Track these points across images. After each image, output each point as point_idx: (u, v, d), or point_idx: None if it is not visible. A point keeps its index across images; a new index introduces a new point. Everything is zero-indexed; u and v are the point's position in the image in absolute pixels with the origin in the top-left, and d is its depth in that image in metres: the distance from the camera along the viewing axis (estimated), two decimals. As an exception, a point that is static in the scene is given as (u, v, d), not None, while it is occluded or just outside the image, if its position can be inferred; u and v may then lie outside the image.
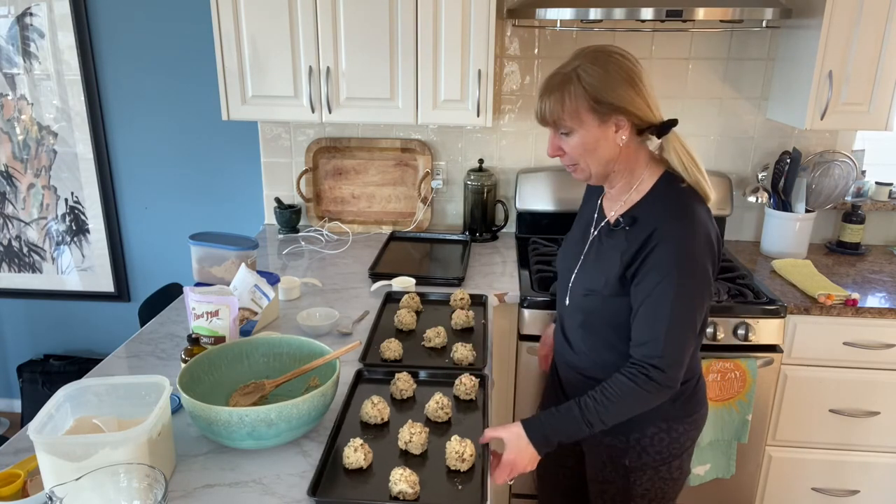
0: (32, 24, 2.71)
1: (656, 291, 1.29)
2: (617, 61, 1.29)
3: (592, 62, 1.29)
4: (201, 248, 2.07)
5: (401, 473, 1.19)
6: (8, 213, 2.98)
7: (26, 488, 1.19)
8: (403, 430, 1.32)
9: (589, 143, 1.33)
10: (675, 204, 1.33)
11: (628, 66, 1.30)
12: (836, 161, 2.45)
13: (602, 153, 1.35)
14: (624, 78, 1.29)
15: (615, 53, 1.31)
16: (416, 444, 1.30)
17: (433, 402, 1.43)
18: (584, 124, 1.31)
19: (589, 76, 1.29)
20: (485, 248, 2.58)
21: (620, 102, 1.29)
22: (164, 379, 1.28)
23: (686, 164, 1.34)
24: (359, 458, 1.25)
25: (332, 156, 2.74)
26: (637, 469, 1.50)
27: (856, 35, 2.13)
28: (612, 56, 1.30)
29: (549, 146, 1.39)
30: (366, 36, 2.24)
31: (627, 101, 1.29)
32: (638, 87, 1.29)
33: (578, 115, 1.30)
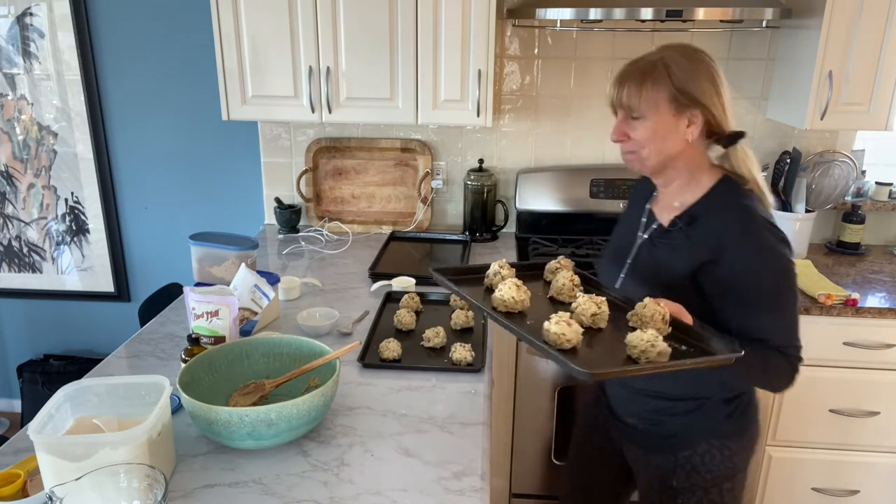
0: (32, 24, 2.71)
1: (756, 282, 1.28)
2: (704, 58, 1.32)
3: (681, 54, 1.31)
4: (201, 248, 2.07)
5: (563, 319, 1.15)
6: (8, 213, 2.98)
7: (26, 488, 1.19)
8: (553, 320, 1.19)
9: (659, 132, 1.33)
10: (738, 201, 1.33)
11: (714, 67, 1.32)
12: (836, 161, 2.45)
13: (668, 144, 1.34)
14: (708, 75, 1.30)
15: (702, 52, 1.33)
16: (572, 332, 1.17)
17: (559, 281, 1.38)
18: (660, 112, 1.31)
19: (676, 66, 1.30)
20: (485, 248, 2.58)
21: (700, 97, 1.30)
22: (164, 379, 1.28)
23: (752, 173, 1.35)
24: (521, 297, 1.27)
25: (332, 156, 2.74)
26: (686, 490, 1.43)
27: (856, 35, 2.13)
28: (699, 52, 1.32)
29: (615, 131, 1.40)
30: (366, 36, 2.24)
31: (707, 98, 1.30)
32: (718, 88, 1.31)
33: (656, 102, 1.31)
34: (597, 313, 1.27)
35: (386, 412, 1.48)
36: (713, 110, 1.31)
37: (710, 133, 1.34)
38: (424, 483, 1.25)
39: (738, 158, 1.34)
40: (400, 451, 1.34)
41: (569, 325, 1.18)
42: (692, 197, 1.38)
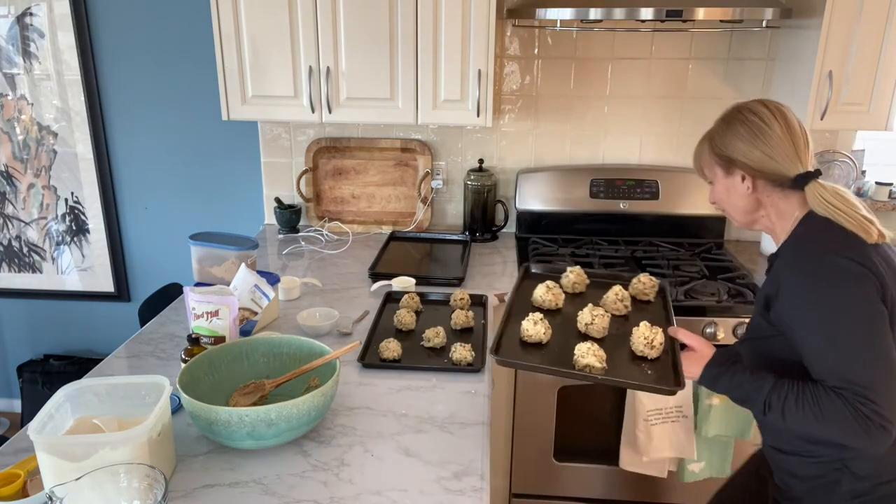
0: (32, 24, 2.71)
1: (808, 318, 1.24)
2: (744, 117, 1.35)
3: (722, 118, 1.39)
4: (201, 248, 2.07)
5: (588, 347, 1.20)
6: (8, 213, 2.98)
7: (26, 488, 1.19)
8: (584, 313, 1.34)
9: (721, 192, 1.42)
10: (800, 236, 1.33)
11: (754, 121, 1.34)
12: (836, 161, 2.45)
13: (736, 202, 1.40)
14: (743, 133, 1.34)
15: (746, 109, 1.36)
16: (598, 327, 1.31)
17: (612, 293, 1.49)
18: (716, 175, 1.42)
19: (715, 130, 1.39)
20: (485, 248, 2.58)
21: (735, 155, 1.35)
22: (164, 379, 1.28)
23: (834, 208, 1.28)
24: (538, 331, 1.33)
25: (332, 156, 2.74)
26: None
27: (856, 35, 2.13)
28: (741, 112, 1.36)
29: (710, 194, 1.48)
30: (366, 36, 2.24)
31: (742, 154, 1.34)
32: (757, 141, 1.32)
33: (710, 167, 1.42)
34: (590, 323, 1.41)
35: (386, 412, 1.48)
36: (754, 165, 1.33)
37: (774, 181, 1.34)
38: (424, 483, 1.25)
39: (813, 198, 1.30)
40: (400, 451, 1.34)
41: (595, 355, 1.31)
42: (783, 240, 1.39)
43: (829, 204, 1.28)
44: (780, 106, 1.36)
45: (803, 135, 1.33)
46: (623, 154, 2.68)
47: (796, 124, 1.34)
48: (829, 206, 1.28)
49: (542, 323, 1.35)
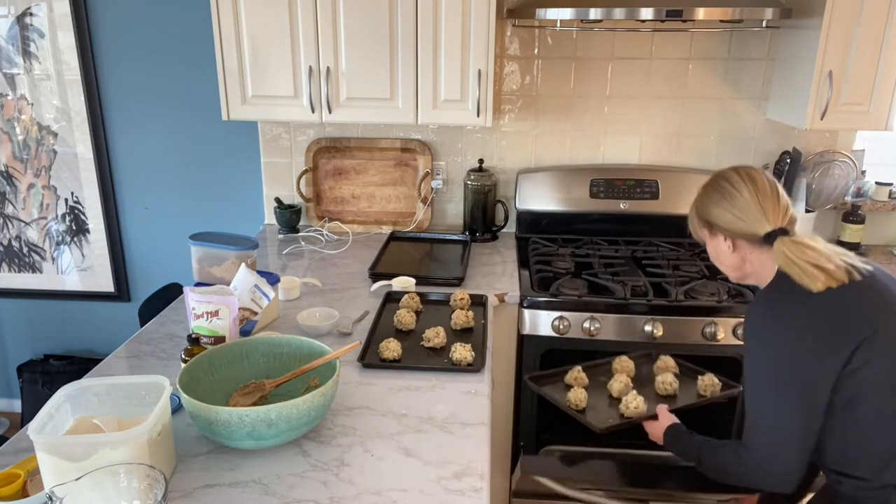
0: (32, 24, 2.71)
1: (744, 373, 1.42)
2: (717, 184, 1.47)
3: (703, 186, 1.51)
4: (201, 248, 2.07)
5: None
6: (8, 213, 2.98)
7: (26, 488, 1.19)
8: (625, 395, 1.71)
9: (711, 252, 1.54)
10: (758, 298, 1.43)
11: (724, 186, 1.45)
12: (836, 161, 2.45)
13: (724, 260, 1.51)
14: (717, 199, 1.46)
15: (720, 176, 1.48)
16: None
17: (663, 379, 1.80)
18: (704, 237, 1.54)
19: (697, 197, 1.52)
20: (485, 248, 2.58)
21: (711, 219, 1.47)
22: (164, 379, 1.28)
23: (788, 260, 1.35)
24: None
25: (332, 156, 2.74)
26: None
27: (855, 35, 2.13)
28: (716, 179, 1.48)
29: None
30: (366, 36, 2.24)
31: (716, 217, 1.46)
32: (728, 205, 1.43)
33: (698, 230, 1.54)
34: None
35: (386, 412, 1.48)
36: (727, 227, 1.44)
37: (750, 239, 1.44)
38: (424, 483, 1.25)
39: (778, 253, 1.37)
40: (400, 451, 1.34)
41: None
42: None
43: (786, 257, 1.35)
44: (751, 170, 1.45)
45: (774, 194, 1.41)
46: (623, 154, 2.68)
47: (766, 186, 1.42)
48: (786, 259, 1.35)
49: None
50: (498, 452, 2.31)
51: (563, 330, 2.11)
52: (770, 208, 1.40)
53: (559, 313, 2.10)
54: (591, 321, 2.09)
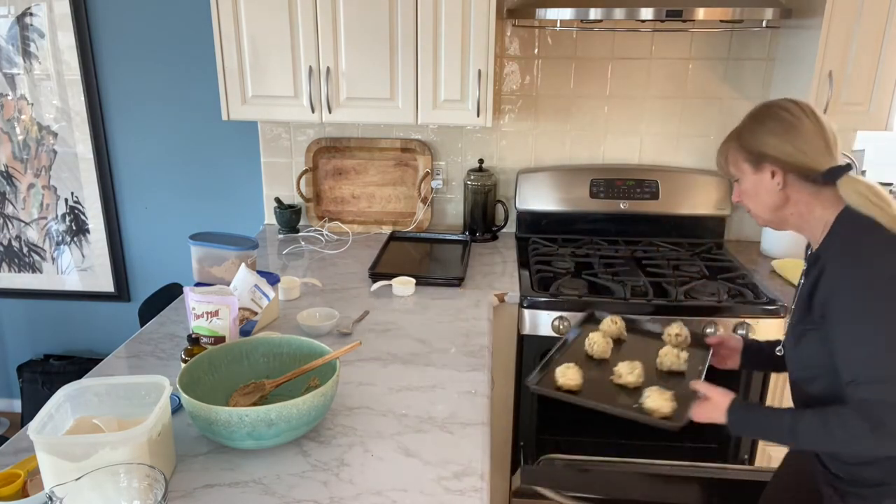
0: (32, 24, 2.71)
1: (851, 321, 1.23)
2: (774, 113, 1.35)
3: (751, 115, 1.39)
4: (201, 248, 2.07)
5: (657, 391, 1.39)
6: (8, 213, 2.98)
7: (26, 488, 1.19)
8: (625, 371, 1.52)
9: (750, 190, 1.41)
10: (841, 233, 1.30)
11: (784, 116, 1.33)
12: (836, 161, 2.44)
13: (764, 199, 1.39)
14: (774, 128, 1.34)
15: (776, 106, 1.36)
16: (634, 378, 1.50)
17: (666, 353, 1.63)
18: (743, 172, 1.40)
19: (744, 128, 1.39)
20: (485, 248, 2.58)
21: (766, 150, 1.34)
22: (164, 379, 1.28)
23: (871, 203, 1.27)
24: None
25: (332, 156, 2.74)
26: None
27: (856, 35, 2.13)
28: (771, 108, 1.36)
29: (733, 193, 1.48)
30: (366, 36, 2.24)
31: (772, 148, 1.33)
32: (789, 136, 1.32)
33: (737, 164, 1.41)
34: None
35: (386, 412, 1.48)
36: (785, 159, 1.32)
37: (805, 176, 1.33)
38: (424, 483, 1.25)
39: (848, 192, 1.29)
40: (400, 451, 1.34)
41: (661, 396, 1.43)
42: (820, 238, 1.37)
43: (866, 198, 1.25)
44: (810, 104, 1.35)
45: (832, 132, 1.32)
46: (623, 154, 2.68)
47: (826, 122, 1.32)
48: (867, 200, 1.25)
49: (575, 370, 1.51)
50: (498, 452, 2.31)
51: (563, 330, 2.11)
52: (833, 143, 1.31)
53: (559, 313, 2.10)
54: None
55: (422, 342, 1.80)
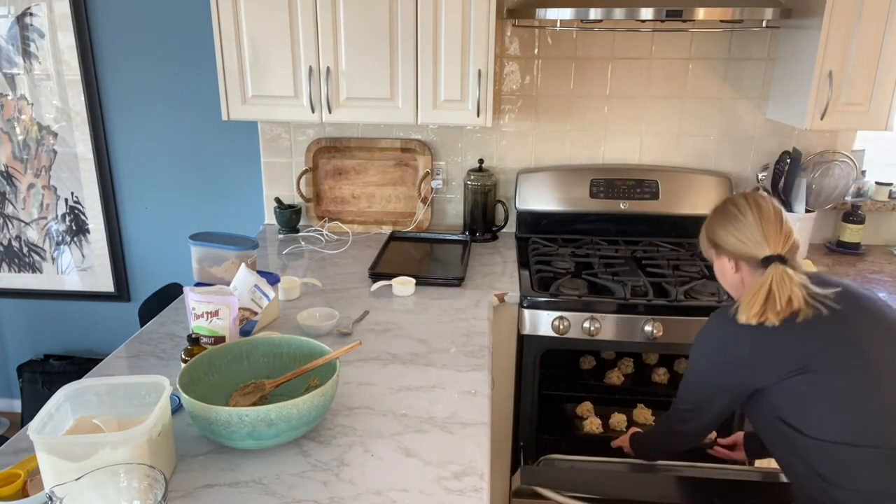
0: (32, 24, 2.71)
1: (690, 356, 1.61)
2: (724, 207, 1.57)
3: (712, 209, 1.62)
4: (201, 248, 2.07)
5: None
6: (8, 213, 2.98)
7: (26, 488, 1.19)
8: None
9: (717, 272, 1.63)
10: (725, 308, 1.53)
11: (731, 210, 1.54)
12: (836, 161, 2.45)
13: (727, 280, 1.59)
14: (722, 220, 1.55)
15: (728, 200, 1.57)
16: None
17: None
18: (711, 257, 1.63)
19: (707, 219, 1.62)
20: (485, 248, 2.58)
21: (716, 240, 1.56)
22: (164, 379, 1.28)
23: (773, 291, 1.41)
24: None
25: (332, 156, 2.74)
26: None
27: (856, 35, 2.13)
28: (724, 203, 1.58)
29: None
30: (366, 36, 2.24)
31: (720, 239, 1.55)
32: (732, 228, 1.52)
33: (706, 250, 1.64)
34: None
35: (386, 412, 1.48)
36: (730, 249, 1.53)
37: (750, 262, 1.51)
38: (424, 483, 1.25)
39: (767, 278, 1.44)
40: (400, 451, 1.34)
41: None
42: None
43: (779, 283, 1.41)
44: (758, 197, 1.53)
45: (777, 221, 1.48)
46: (623, 154, 2.68)
47: (770, 212, 1.49)
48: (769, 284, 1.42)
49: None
50: (498, 452, 2.31)
51: (563, 330, 2.11)
52: (771, 234, 1.47)
53: (559, 313, 2.10)
54: (591, 321, 2.09)
55: (422, 342, 1.80)
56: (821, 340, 1.38)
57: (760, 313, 1.40)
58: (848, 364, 1.35)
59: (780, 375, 1.39)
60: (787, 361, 1.38)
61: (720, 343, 1.49)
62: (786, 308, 1.39)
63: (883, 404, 1.33)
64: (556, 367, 2.53)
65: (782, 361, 1.39)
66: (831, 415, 1.35)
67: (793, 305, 1.39)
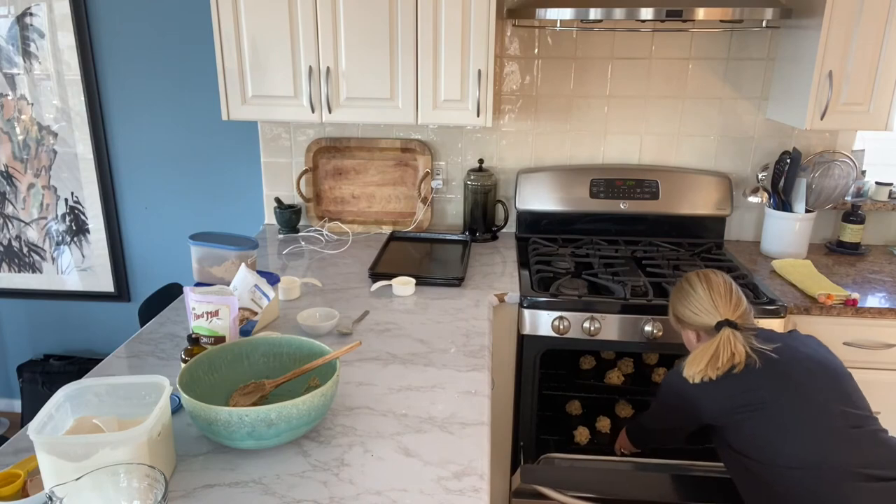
0: (32, 24, 2.71)
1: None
2: (680, 285, 1.79)
3: (674, 287, 1.82)
4: (201, 248, 2.07)
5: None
6: (8, 213, 2.98)
7: (26, 488, 1.19)
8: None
9: (685, 342, 1.81)
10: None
11: (684, 287, 1.76)
12: (836, 161, 2.45)
13: (693, 349, 1.74)
14: (679, 297, 1.77)
15: (684, 279, 1.78)
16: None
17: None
18: (679, 330, 1.81)
19: (671, 295, 1.82)
20: (485, 248, 2.58)
21: (677, 314, 1.78)
22: (164, 379, 1.28)
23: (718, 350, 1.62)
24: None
25: (332, 156, 2.74)
26: None
27: (856, 35, 2.13)
28: (682, 282, 1.79)
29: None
30: (366, 36, 2.24)
31: (679, 312, 1.77)
32: (686, 302, 1.74)
33: (674, 324, 1.82)
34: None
35: (386, 412, 1.48)
36: (690, 321, 1.74)
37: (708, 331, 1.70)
38: (424, 483, 1.25)
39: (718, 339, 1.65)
40: (400, 451, 1.34)
41: None
42: None
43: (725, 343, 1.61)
44: (710, 273, 1.75)
45: (727, 292, 1.70)
46: (623, 154, 2.68)
47: (720, 284, 1.71)
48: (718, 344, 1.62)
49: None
50: (498, 452, 2.31)
51: (563, 330, 2.11)
52: (721, 303, 1.68)
53: (559, 313, 2.10)
54: (591, 321, 2.09)
55: (422, 342, 1.80)
56: (762, 383, 1.57)
57: (703, 371, 1.62)
58: (786, 400, 1.54)
59: (725, 415, 1.60)
60: (730, 404, 1.59)
61: (671, 391, 1.73)
62: (726, 364, 1.60)
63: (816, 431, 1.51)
64: (556, 367, 2.53)
65: (725, 404, 1.60)
66: (777, 444, 1.53)
67: (734, 360, 1.60)
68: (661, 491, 2.02)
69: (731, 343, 1.62)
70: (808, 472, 1.48)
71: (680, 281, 1.80)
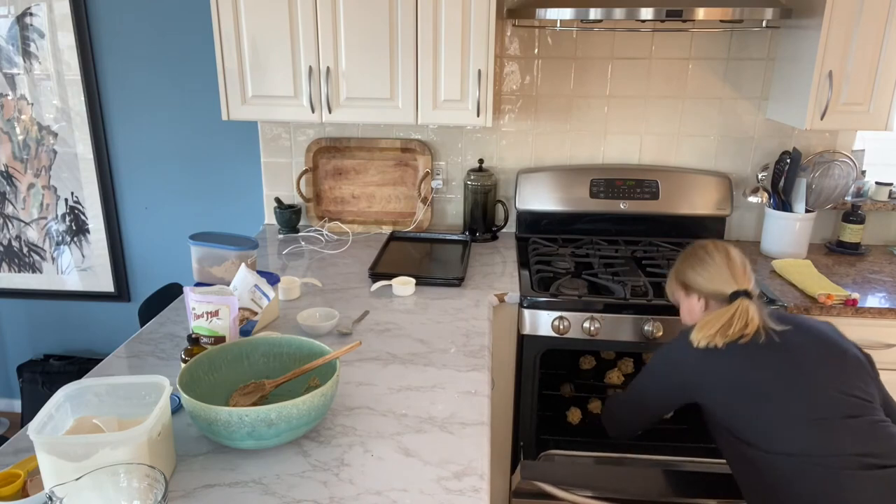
0: (32, 24, 2.71)
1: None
2: (694, 252, 1.75)
3: (681, 255, 1.80)
4: (201, 248, 2.07)
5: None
6: (8, 213, 2.98)
7: (26, 488, 1.19)
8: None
9: (685, 312, 1.78)
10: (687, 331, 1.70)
11: (701, 254, 1.73)
12: (836, 161, 2.45)
13: (695, 318, 1.75)
14: (693, 264, 1.74)
15: (697, 246, 1.76)
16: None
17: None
18: (679, 298, 1.80)
19: (677, 263, 1.80)
20: (485, 248, 2.58)
21: (686, 281, 1.74)
22: (164, 379, 1.28)
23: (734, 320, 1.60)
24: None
25: (332, 156, 2.74)
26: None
27: (856, 35, 2.13)
28: (693, 249, 1.76)
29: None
30: (366, 36, 2.24)
31: (690, 280, 1.73)
32: (700, 270, 1.71)
33: (676, 291, 1.80)
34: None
35: (386, 412, 1.48)
36: (700, 288, 1.71)
37: (719, 299, 1.68)
38: (424, 483, 1.25)
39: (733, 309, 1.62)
40: (400, 451, 1.34)
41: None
42: None
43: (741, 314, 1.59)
44: (725, 244, 1.73)
45: (742, 264, 1.69)
46: (623, 154, 2.68)
47: (736, 256, 1.70)
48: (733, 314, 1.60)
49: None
50: (498, 452, 2.31)
51: (563, 330, 2.11)
52: (738, 273, 1.67)
53: (559, 313, 2.10)
54: (591, 321, 2.09)
55: (422, 342, 1.80)
56: (766, 362, 1.55)
57: (711, 337, 1.59)
58: (788, 385, 1.52)
59: (721, 388, 1.58)
60: (730, 376, 1.57)
61: (671, 356, 1.70)
62: (737, 333, 1.58)
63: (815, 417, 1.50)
64: (556, 367, 2.53)
65: (725, 375, 1.57)
66: (776, 431, 1.51)
67: (745, 330, 1.58)
68: (661, 487, 2.01)
69: (748, 313, 1.59)
70: (805, 459, 1.48)
71: (691, 247, 1.77)
